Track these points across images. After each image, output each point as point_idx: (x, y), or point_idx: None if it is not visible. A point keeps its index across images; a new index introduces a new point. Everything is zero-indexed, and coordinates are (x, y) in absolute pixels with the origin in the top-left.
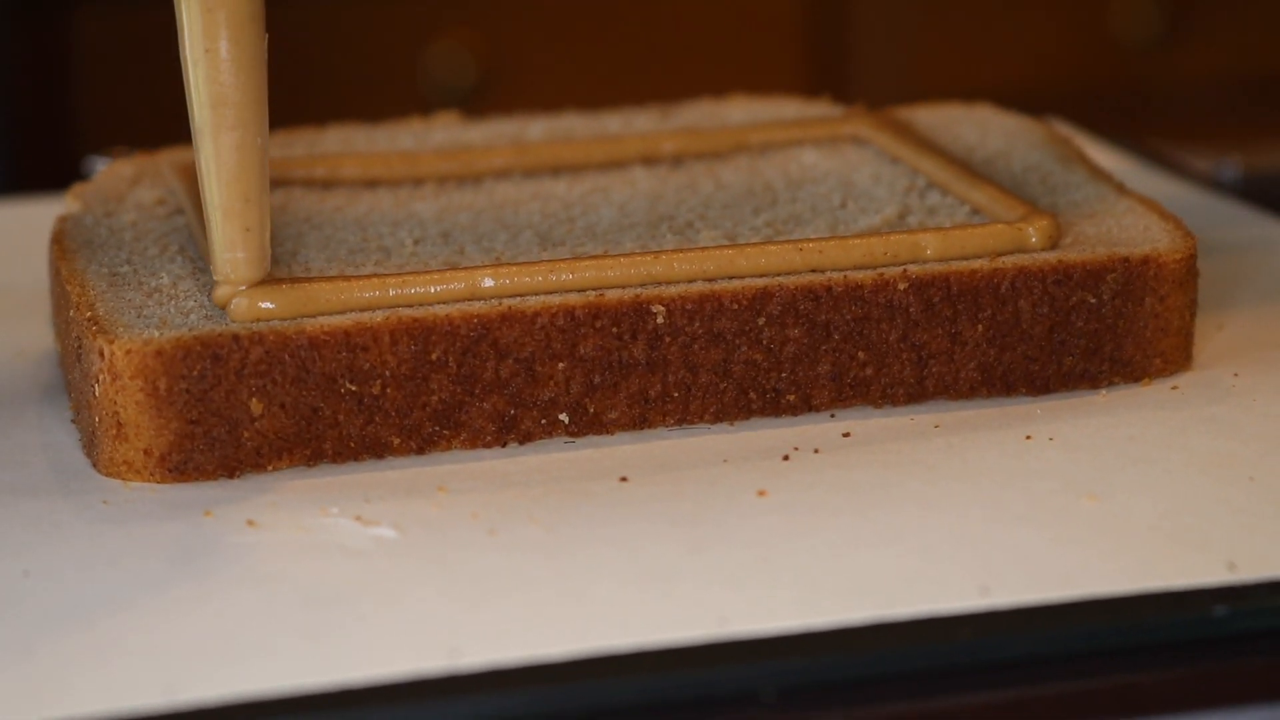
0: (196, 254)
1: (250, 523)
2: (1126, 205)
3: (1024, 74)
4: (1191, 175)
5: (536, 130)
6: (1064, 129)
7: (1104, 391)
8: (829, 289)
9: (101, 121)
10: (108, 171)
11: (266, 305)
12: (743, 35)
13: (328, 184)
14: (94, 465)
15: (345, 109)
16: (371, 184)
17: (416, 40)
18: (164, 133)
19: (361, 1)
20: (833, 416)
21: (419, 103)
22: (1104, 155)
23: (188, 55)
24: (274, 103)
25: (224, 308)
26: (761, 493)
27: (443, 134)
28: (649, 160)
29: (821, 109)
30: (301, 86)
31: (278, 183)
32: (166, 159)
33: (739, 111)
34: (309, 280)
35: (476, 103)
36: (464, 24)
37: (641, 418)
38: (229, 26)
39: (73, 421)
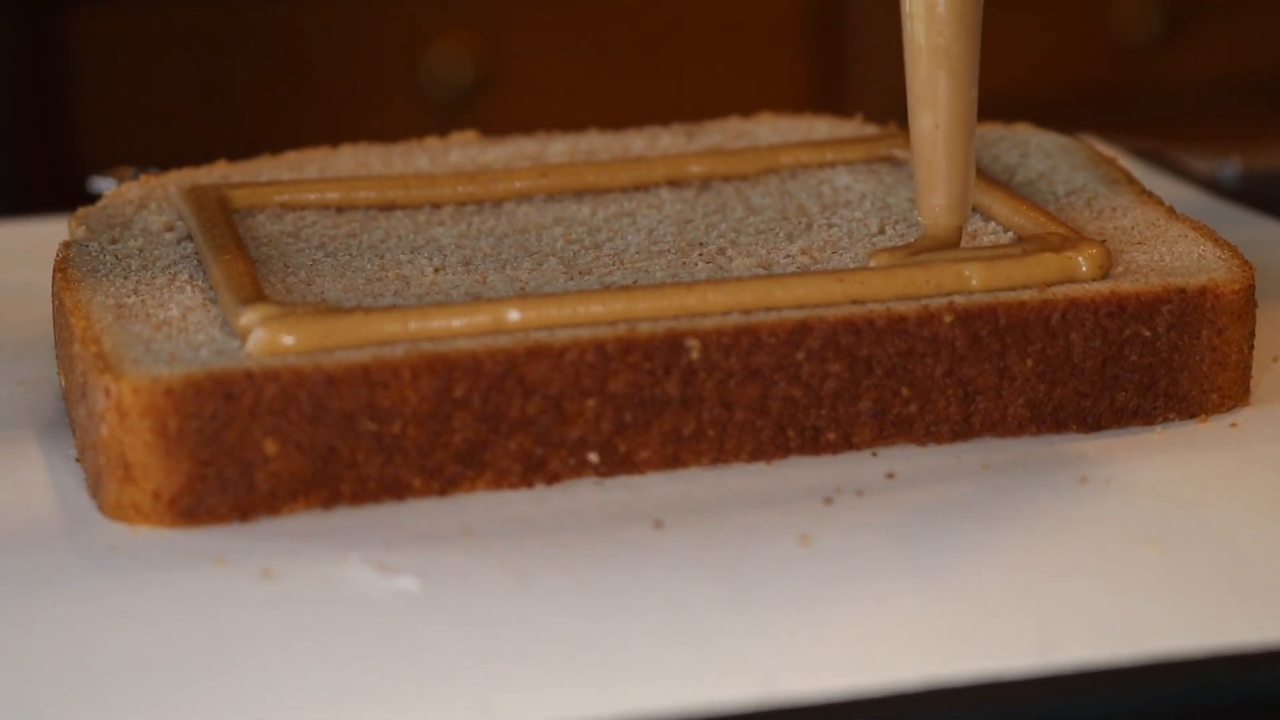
0: (206, 283)
1: (265, 571)
2: (1179, 231)
3: (1024, 74)
4: (1191, 175)
5: (557, 149)
6: (1103, 146)
7: (1159, 429)
8: (871, 322)
9: (102, 126)
10: (113, 195)
11: (287, 340)
12: (742, 36)
13: (342, 208)
14: (100, 507)
15: (346, 109)
16: (388, 207)
17: (416, 40)
18: (163, 134)
19: (361, 2)
20: (874, 455)
21: (419, 102)
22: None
23: (910, 10)
24: (275, 106)
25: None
26: (804, 540)
27: (460, 153)
28: (675, 182)
29: (853, 128)
30: (302, 86)
31: (289, 206)
32: (174, 181)
33: (767, 131)
34: (330, 313)
35: (476, 103)
36: (464, 24)
37: (674, 457)
38: None
39: (77, 460)
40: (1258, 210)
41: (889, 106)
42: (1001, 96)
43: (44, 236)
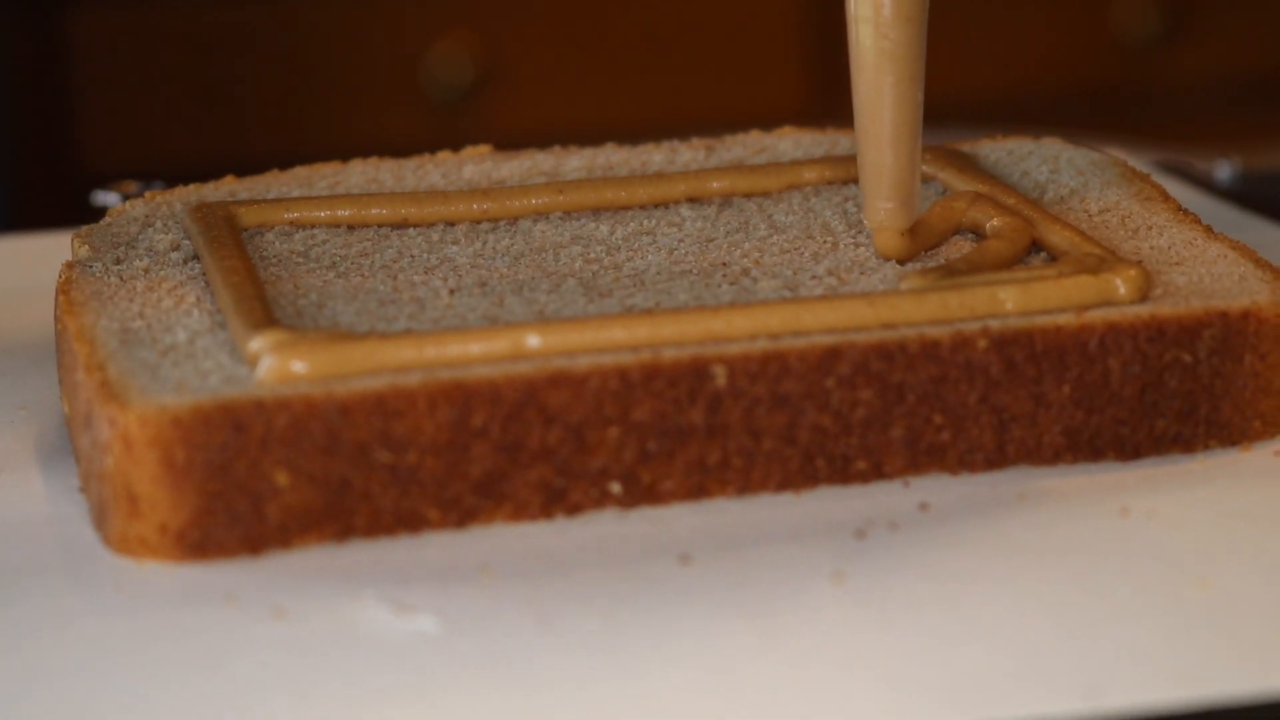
0: (214, 306)
1: (277, 611)
2: (1217, 251)
3: (1024, 74)
4: (1191, 175)
5: (574, 165)
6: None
7: (1200, 457)
8: (903, 347)
9: (102, 125)
10: (117, 213)
11: (298, 367)
12: (742, 37)
13: (353, 225)
14: (104, 541)
15: (346, 109)
16: (400, 225)
17: (416, 40)
18: (164, 133)
19: (361, 2)
20: (906, 485)
21: (419, 102)
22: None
23: (855, 12)
24: (275, 106)
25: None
26: (837, 577)
27: (473, 169)
28: (696, 199)
29: None
30: (303, 87)
31: (299, 224)
32: (180, 197)
33: (790, 145)
34: (343, 339)
35: (476, 103)
36: (464, 24)
37: (699, 487)
38: None
39: (81, 491)
40: (1257, 211)
41: None
42: (1002, 96)
43: (46, 250)
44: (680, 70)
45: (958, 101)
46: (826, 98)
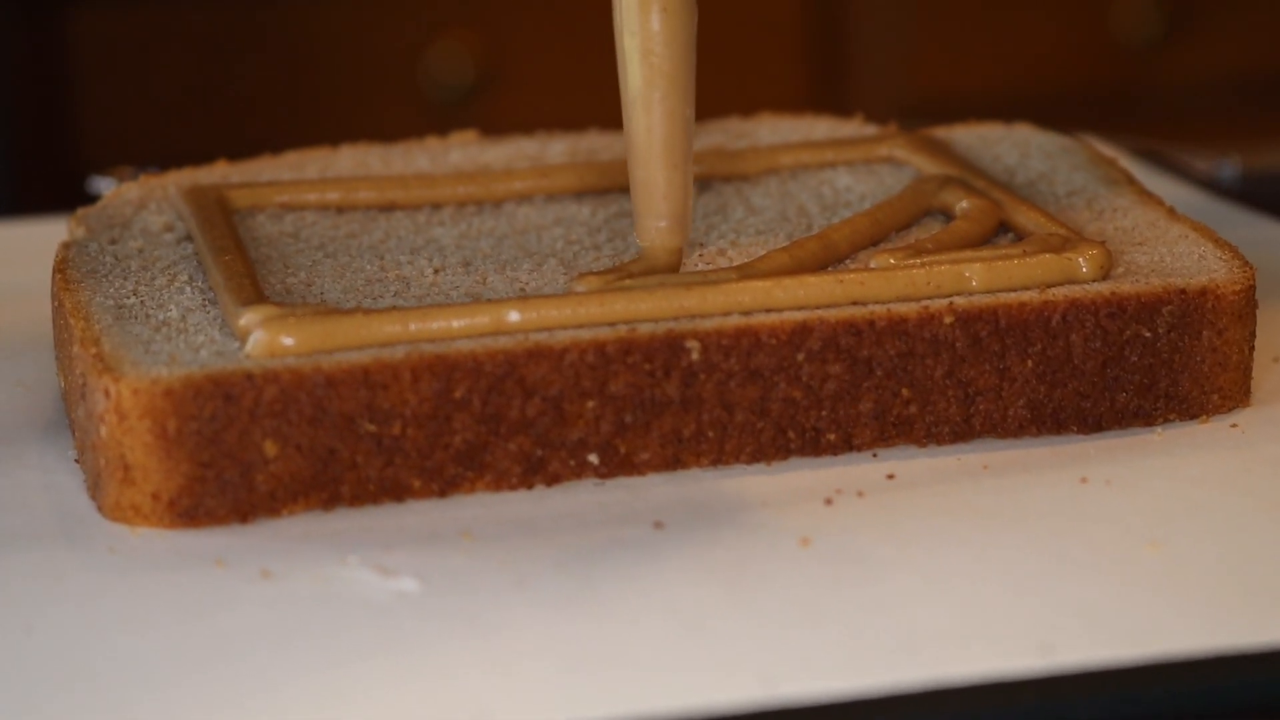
0: (206, 284)
1: (264, 573)
2: (1179, 231)
3: (1024, 74)
4: (1191, 175)
5: (557, 150)
6: (1103, 147)
7: (1160, 430)
8: (871, 323)
9: (102, 127)
10: (112, 195)
11: (286, 341)
12: (743, 37)
13: (342, 208)
14: (99, 509)
15: (346, 109)
16: (388, 208)
17: (416, 40)
18: (163, 134)
19: (361, 1)
20: (875, 456)
21: (419, 102)
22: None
23: (622, 26)
24: (275, 106)
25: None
26: (804, 541)
27: (460, 154)
28: None
29: (853, 128)
30: (302, 87)
31: (289, 207)
32: (173, 181)
33: (767, 131)
34: (330, 314)
35: (476, 103)
36: (464, 24)
37: (675, 458)
38: (662, 2)
39: (76, 461)
40: (1257, 210)
41: (889, 107)
42: (1002, 96)
43: (43, 237)
44: None
45: (958, 101)
46: (828, 99)
